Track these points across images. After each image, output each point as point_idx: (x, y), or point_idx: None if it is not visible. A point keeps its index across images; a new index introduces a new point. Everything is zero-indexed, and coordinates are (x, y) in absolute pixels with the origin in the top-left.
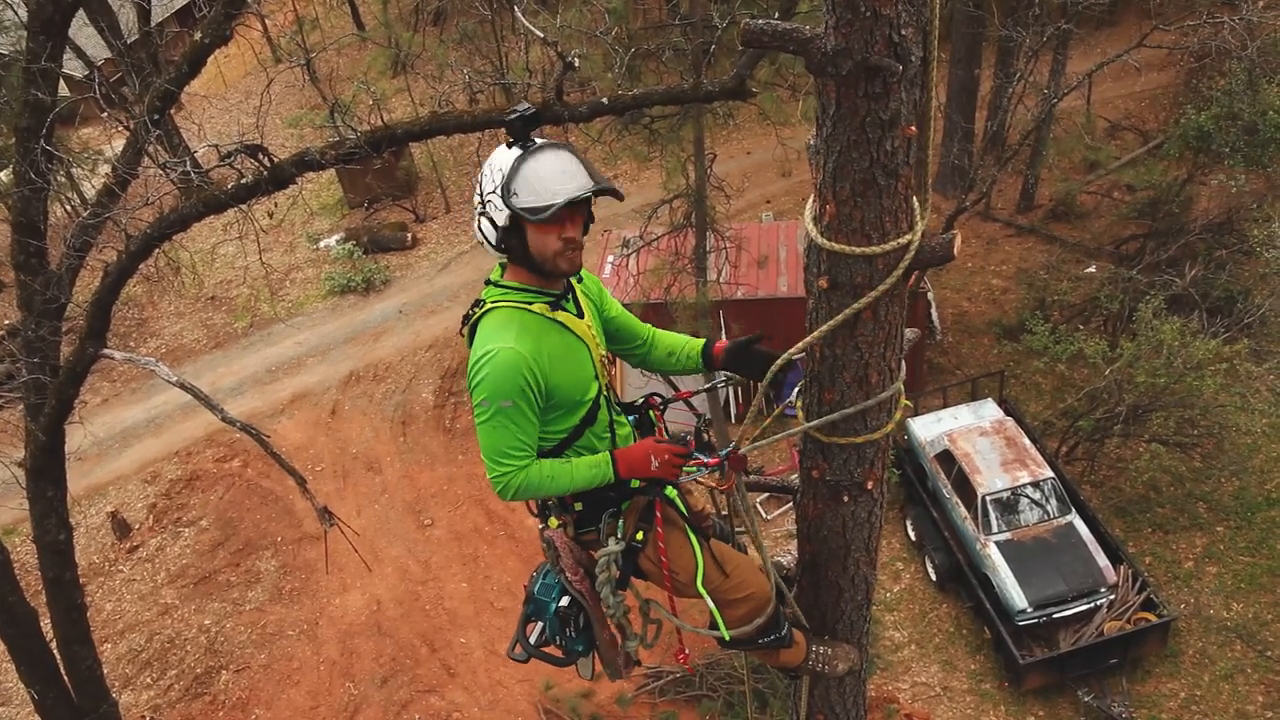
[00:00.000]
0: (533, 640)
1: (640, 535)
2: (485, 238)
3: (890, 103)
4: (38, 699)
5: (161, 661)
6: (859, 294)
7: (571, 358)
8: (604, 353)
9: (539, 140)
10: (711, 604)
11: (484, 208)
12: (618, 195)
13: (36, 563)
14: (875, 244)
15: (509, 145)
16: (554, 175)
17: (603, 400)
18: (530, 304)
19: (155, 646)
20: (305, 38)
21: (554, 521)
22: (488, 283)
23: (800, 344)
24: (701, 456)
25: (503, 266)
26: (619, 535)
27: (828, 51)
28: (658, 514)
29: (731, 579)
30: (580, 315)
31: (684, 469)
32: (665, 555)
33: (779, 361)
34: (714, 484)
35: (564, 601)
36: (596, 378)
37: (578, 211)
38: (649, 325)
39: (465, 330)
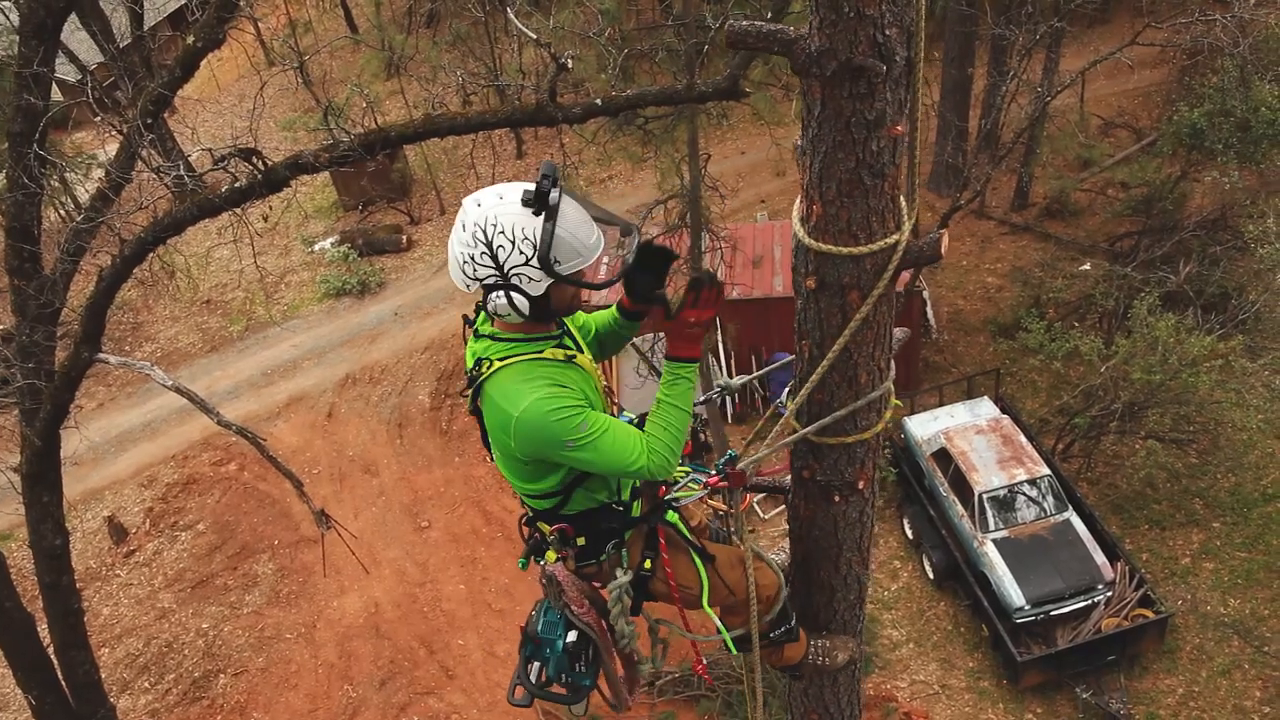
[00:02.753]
0: (533, 679)
1: (649, 564)
2: (516, 310)
3: (875, 103)
4: (35, 704)
5: (159, 666)
6: (846, 294)
7: (589, 389)
8: (604, 383)
9: (554, 193)
10: (718, 621)
11: (509, 281)
12: (635, 230)
13: (33, 568)
14: (862, 244)
15: (526, 206)
16: (581, 227)
17: None
18: (541, 352)
19: (153, 651)
20: (298, 41)
21: (551, 555)
22: (477, 335)
23: (824, 362)
24: (701, 476)
25: (490, 318)
26: (624, 565)
27: (812, 52)
28: (661, 540)
29: (737, 593)
30: (580, 350)
31: (686, 486)
32: (673, 579)
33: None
34: (720, 506)
35: (571, 636)
36: (604, 409)
37: None
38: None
39: (469, 392)
